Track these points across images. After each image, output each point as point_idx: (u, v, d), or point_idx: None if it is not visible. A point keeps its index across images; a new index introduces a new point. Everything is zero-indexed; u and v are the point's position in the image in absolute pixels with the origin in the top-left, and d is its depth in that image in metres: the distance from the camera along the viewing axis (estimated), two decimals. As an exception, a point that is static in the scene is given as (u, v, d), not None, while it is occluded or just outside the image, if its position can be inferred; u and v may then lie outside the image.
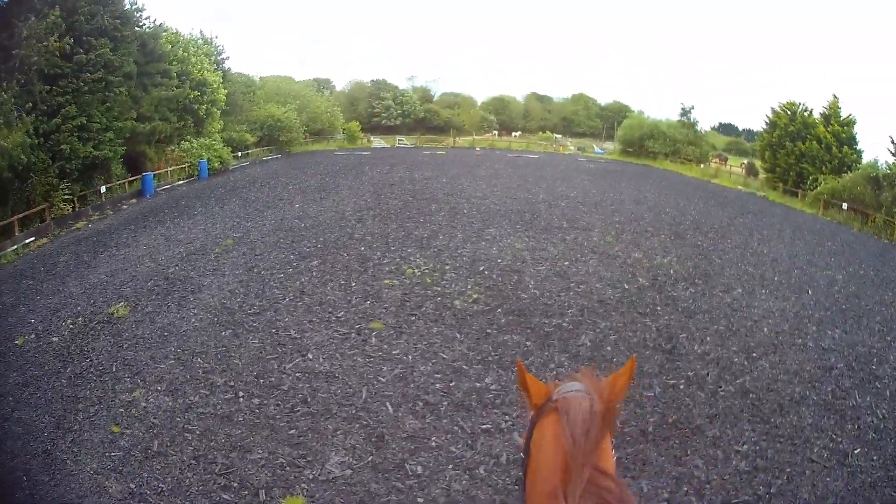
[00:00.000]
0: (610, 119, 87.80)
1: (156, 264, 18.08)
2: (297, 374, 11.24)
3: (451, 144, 68.59)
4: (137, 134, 31.08)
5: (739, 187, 46.74)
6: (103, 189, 27.88)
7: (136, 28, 32.74)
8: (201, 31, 48.74)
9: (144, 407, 9.89)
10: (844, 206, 35.45)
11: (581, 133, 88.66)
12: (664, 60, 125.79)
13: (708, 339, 13.65)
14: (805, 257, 23.01)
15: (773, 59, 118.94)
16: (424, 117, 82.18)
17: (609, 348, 12.67)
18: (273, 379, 11.01)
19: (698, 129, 62.69)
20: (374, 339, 12.91)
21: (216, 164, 39.29)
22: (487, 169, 43.38)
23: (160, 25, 37.86)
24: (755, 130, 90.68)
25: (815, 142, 43.25)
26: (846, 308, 17.05)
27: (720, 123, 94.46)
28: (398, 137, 70.08)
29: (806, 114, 46.49)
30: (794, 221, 32.49)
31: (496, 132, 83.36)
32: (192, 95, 38.52)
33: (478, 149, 62.23)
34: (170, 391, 10.46)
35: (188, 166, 37.18)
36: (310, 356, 12.07)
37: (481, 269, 17.66)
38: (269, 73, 68.11)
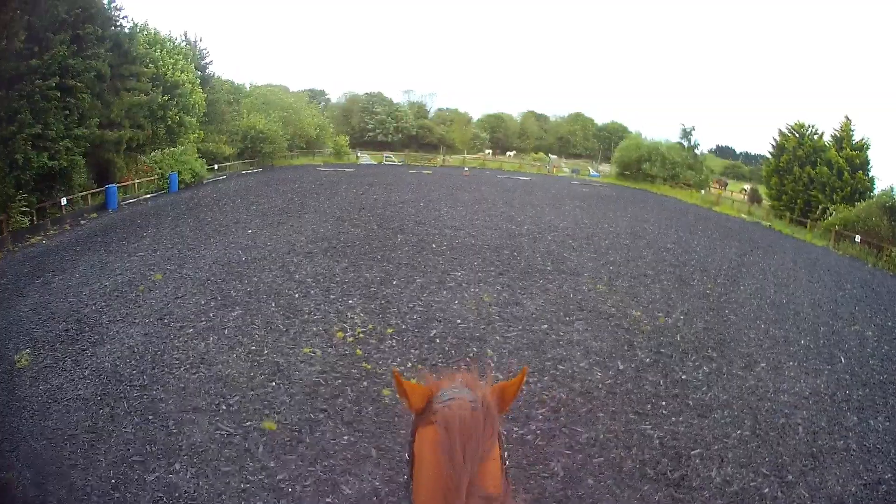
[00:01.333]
0: (607, 140, 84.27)
1: (77, 300, 14.72)
2: (157, 494, 7.79)
3: (438, 163, 64.35)
4: (105, 142, 28.29)
5: (743, 216, 42.66)
6: (64, 201, 24.95)
7: (113, 28, 29.93)
8: (185, 33, 45.68)
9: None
10: (858, 238, 31.50)
11: (577, 154, 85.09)
12: (664, 79, 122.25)
13: (729, 454, 9.54)
14: (828, 307, 19.07)
15: (775, 82, 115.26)
16: (418, 133, 78.31)
17: (591, 482, 8.47)
18: (130, 495, 7.71)
19: (698, 151, 58.51)
20: (260, 448, 8.93)
21: (188, 177, 35.94)
22: (472, 192, 39.28)
23: (137, 25, 34.97)
24: (753, 154, 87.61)
25: (825, 167, 39.41)
26: (884, 379, 13.45)
27: (717, 146, 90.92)
28: (385, 154, 65.98)
29: (816, 136, 42.71)
30: (807, 257, 28.50)
31: (489, 151, 79.37)
32: (162, 100, 34.97)
33: (466, 169, 57.80)
34: (31, 485, 7.89)
35: (157, 178, 33.90)
36: (177, 466, 8.43)
37: (433, 333, 13.44)
38: (265, 82, 64.77)
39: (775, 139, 45.07)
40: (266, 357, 11.95)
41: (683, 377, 12.31)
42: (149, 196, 31.96)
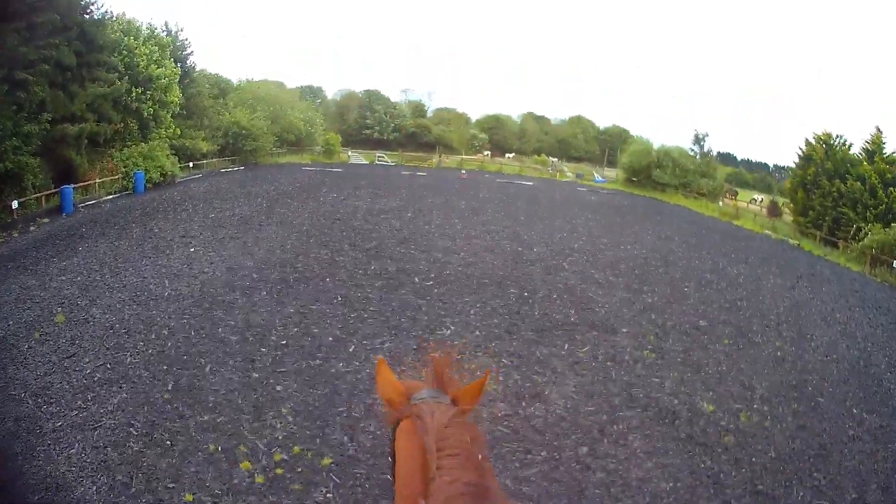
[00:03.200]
0: (609, 143, 78.90)
1: (-34, 351, 10.49)
2: None
3: (435, 164, 58.48)
4: (66, 136, 24.71)
5: (767, 232, 37.02)
6: (15, 204, 21.33)
7: (81, 15, 26.60)
8: (166, 23, 40.39)
9: None
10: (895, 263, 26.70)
11: (578, 157, 79.51)
12: (664, 83, 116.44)
13: None
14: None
15: (777, 88, 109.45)
16: (415, 132, 72.74)
17: None
18: None
19: (710, 157, 52.83)
20: None
21: (156, 176, 30.73)
22: (469, 199, 33.47)
23: (107, 13, 30.95)
24: (755, 161, 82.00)
25: (857, 182, 33.96)
26: None
27: (718, 153, 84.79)
28: (378, 153, 60.09)
29: (845, 147, 37.25)
30: (852, 288, 23.29)
31: (487, 152, 73.73)
32: (136, 93, 30.64)
33: (464, 171, 51.80)
34: None
35: (122, 178, 28.97)
36: None
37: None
38: (261, 78, 59.07)
39: (801, 149, 39.67)
40: (127, 505, 6.60)
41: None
42: (111, 197, 27.22)
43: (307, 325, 12.13)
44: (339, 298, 13.96)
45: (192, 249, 17.96)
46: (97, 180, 27.38)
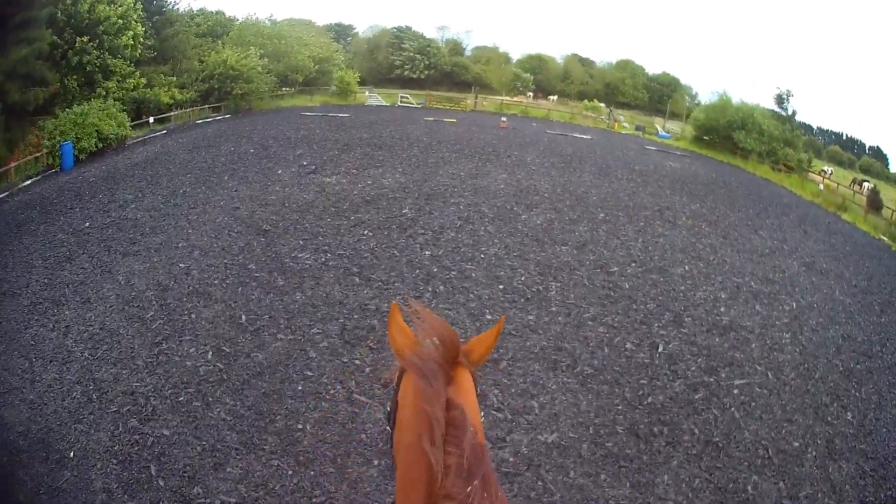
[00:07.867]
0: (658, 92, 65.55)
1: None
2: None
3: (469, 107, 46.04)
4: None
5: (883, 238, 24.35)
6: None
7: None
8: None
9: None
10: None
11: (625, 104, 66.03)
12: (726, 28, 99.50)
13: None
14: None
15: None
16: (452, 71, 60.61)
17: None
18: None
19: (795, 123, 39.58)
20: None
21: (91, 144, 21.51)
22: (513, 168, 21.00)
23: None
24: (855, 138, 64.19)
25: None
26: None
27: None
28: (401, 94, 47.99)
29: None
30: None
31: (531, 94, 61.07)
32: (80, 42, 23.45)
33: (504, 118, 37.61)
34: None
35: (48, 153, 20.86)
36: None
37: None
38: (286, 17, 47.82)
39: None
40: None
41: None
42: (30, 181, 19.08)
43: None
44: None
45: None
46: (12, 165, 19.39)
